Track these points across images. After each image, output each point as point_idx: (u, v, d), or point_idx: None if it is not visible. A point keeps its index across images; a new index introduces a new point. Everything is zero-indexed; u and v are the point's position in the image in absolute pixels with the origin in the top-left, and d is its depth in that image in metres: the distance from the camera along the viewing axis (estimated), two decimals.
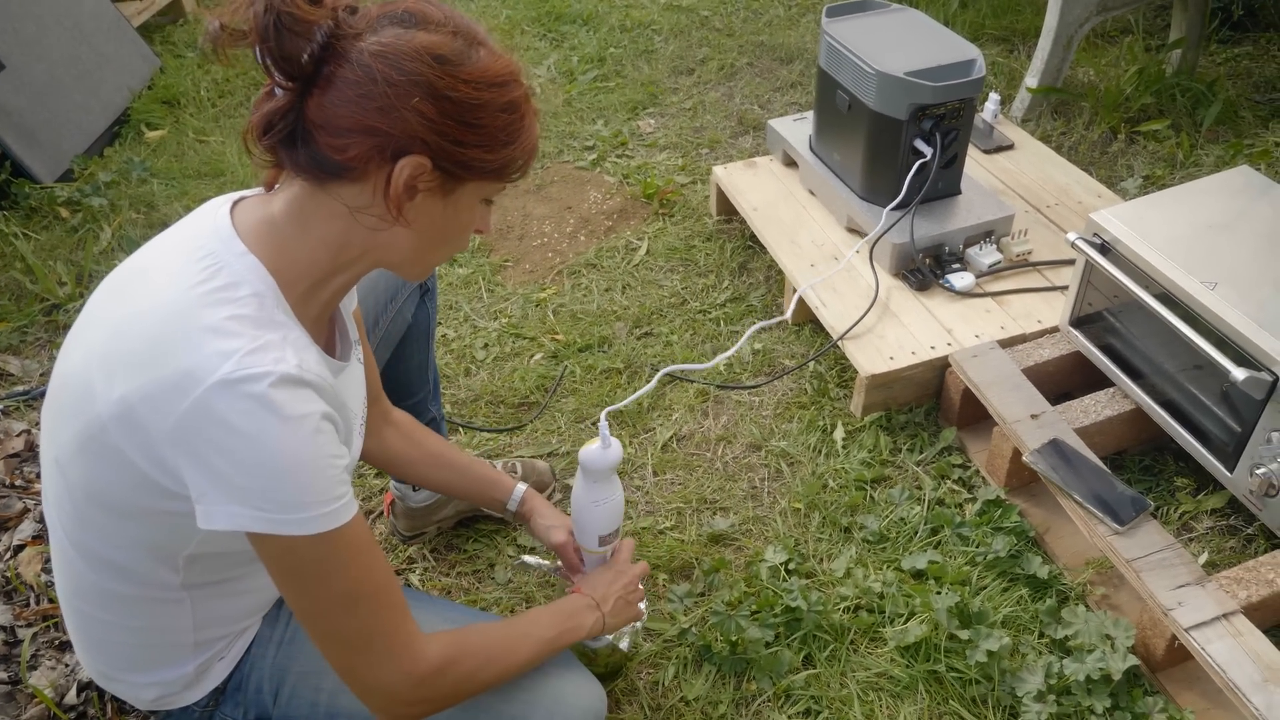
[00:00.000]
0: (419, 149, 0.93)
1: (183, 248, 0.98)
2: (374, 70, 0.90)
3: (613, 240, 2.58)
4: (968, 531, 1.71)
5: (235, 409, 0.87)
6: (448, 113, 0.92)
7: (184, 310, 0.92)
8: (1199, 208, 1.73)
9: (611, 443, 1.29)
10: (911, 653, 1.55)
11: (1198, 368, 1.58)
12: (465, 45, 0.94)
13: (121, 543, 1.01)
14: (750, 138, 3.02)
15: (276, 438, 0.89)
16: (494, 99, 0.95)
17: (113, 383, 0.92)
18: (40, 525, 1.85)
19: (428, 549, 1.79)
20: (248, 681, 1.15)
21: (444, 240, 1.04)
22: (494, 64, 0.95)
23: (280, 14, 0.87)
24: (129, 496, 0.95)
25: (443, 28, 0.94)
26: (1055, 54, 2.85)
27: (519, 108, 0.98)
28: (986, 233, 2.13)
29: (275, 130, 0.93)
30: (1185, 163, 2.67)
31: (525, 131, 1.00)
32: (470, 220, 1.04)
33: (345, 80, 0.90)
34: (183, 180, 2.93)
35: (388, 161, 0.93)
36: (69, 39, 3.14)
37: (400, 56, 0.90)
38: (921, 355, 1.92)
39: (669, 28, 3.68)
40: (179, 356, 0.89)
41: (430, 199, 0.97)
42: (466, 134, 0.94)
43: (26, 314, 2.42)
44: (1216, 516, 1.73)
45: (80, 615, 1.10)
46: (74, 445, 0.96)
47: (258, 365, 0.89)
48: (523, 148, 1.01)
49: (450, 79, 0.92)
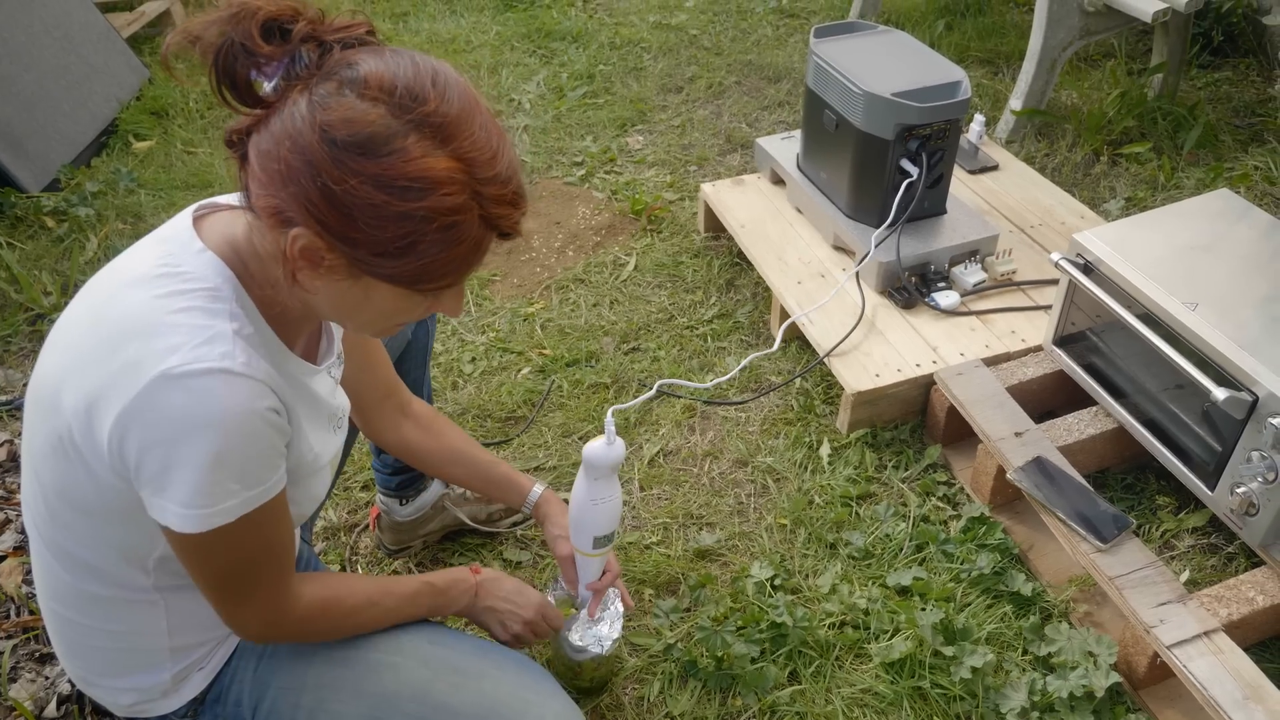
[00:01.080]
0: (309, 228, 0.85)
1: (148, 249, 0.98)
2: (283, 133, 0.83)
3: (601, 256, 2.59)
4: (952, 548, 1.72)
5: (176, 401, 0.87)
6: (332, 203, 0.83)
7: (136, 307, 0.92)
8: (1180, 229, 1.75)
9: (616, 441, 1.29)
10: (896, 669, 1.55)
11: (1179, 387, 1.60)
12: (393, 130, 0.82)
13: (93, 543, 1.01)
14: (738, 155, 3.04)
15: (215, 431, 0.88)
16: (393, 205, 0.83)
17: (77, 383, 0.92)
18: (22, 536, 1.84)
19: (413, 563, 1.78)
20: (227, 694, 1.15)
21: (372, 317, 0.96)
22: (411, 166, 0.82)
23: (234, 42, 0.84)
24: (96, 497, 0.96)
25: (379, 100, 0.83)
26: (1039, 77, 2.88)
27: (433, 219, 0.84)
28: (971, 252, 2.15)
29: (235, 148, 0.90)
30: (1166, 185, 2.71)
31: (439, 246, 0.86)
32: (399, 307, 0.94)
33: (270, 131, 0.84)
34: (170, 191, 2.93)
35: (284, 226, 0.86)
36: (58, 49, 3.13)
37: (304, 128, 0.82)
38: (907, 373, 1.94)
39: (658, 46, 3.71)
40: (126, 351, 0.89)
41: (336, 276, 0.89)
42: (353, 233, 0.84)
43: (10, 323, 2.40)
44: (1197, 535, 1.75)
45: (58, 619, 1.10)
46: (46, 447, 0.97)
47: (203, 360, 0.88)
48: (429, 265, 0.87)
49: (339, 170, 0.82)
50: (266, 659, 1.15)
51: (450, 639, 1.20)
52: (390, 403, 1.40)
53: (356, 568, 1.78)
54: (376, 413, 1.40)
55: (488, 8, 4.09)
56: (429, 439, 1.43)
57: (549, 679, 1.20)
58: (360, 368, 1.32)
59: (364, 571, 1.77)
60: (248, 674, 1.15)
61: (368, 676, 1.13)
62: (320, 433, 1.10)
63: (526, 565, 1.77)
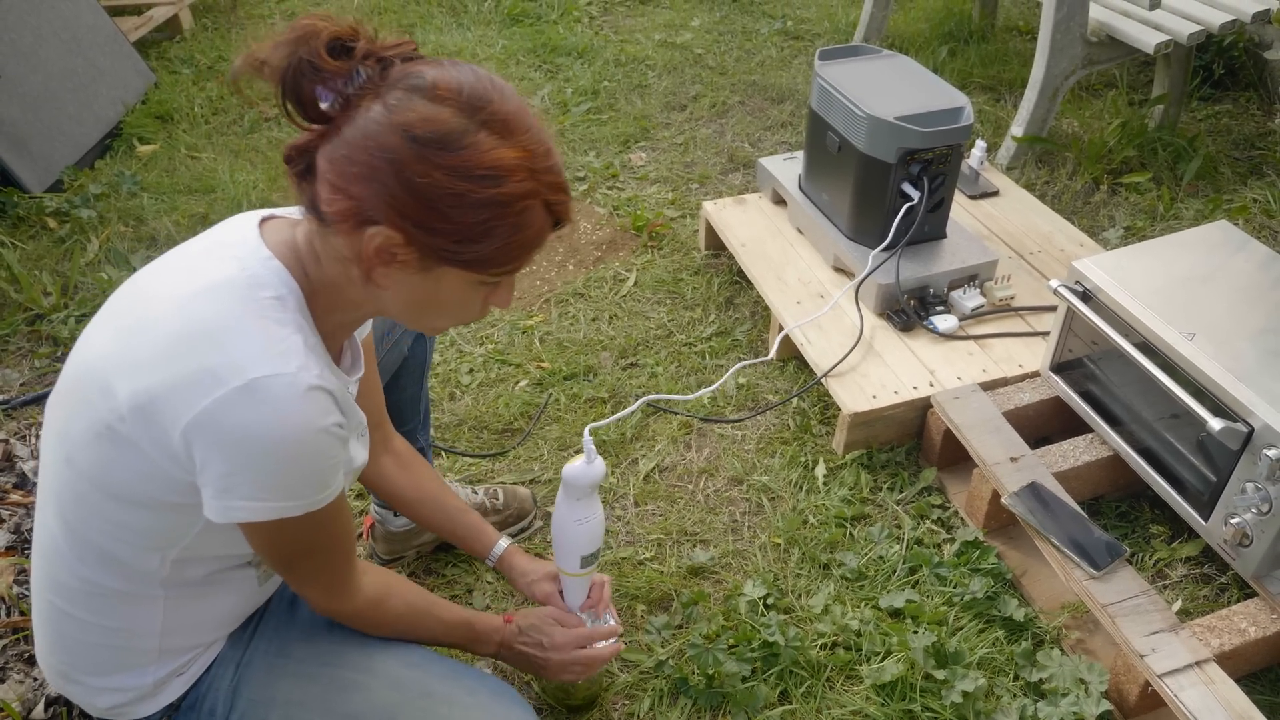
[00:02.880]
0: (389, 223, 0.91)
1: (210, 251, 1.02)
2: (361, 137, 0.89)
3: (601, 270, 2.60)
4: (945, 572, 1.72)
5: (258, 412, 0.91)
6: (416, 196, 0.89)
7: (208, 308, 0.95)
8: (1179, 260, 1.76)
9: (595, 459, 1.29)
10: (887, 691, 1.55)
11: (1175, 416, 1.61)
12: (465, 127, 0.89)
13: (118, 531, 1.02)
14: (740, 174, 3.05)
15: (290, 442, 0.93)
16: (471, 191, 0.90)
17: (133, 376, 0.94)
18: (14, 536, 1.83)
19: (406, 572, 1.78)
20: (202, 702, 1.15)
21: (436, 310, 1.02)
22: (485, 155, 0.90)
23: (302, 60, 0.89)
24: (139, 486, 0.98)
25: (449, 102, 0.90)
26: (1041, 105, 2.91)
27: (506, 205, 0.92)
28: (970, 277, 2.16)
29: (294, 163, 0.95)
30: (1165, 215, 2.72)
31: (508, 231, 0.93)
32: (464, 299, 1.01)
33: (343, 139, 0.90)
34: (173, 195, 2.93)
35: (361, 226, 0.92)
36: (65, 51, 3.15)
37: (383, 130, 0.88)
38: (904, 395, 1.94)
39: (663, 64, 3.74)
40: (203, 354, 0.92)
41: (406, 271, 0.95)
42: (435, 221, 0.91)
43: (9, 323, 2.40)
44: (1190, 564, 1.75)
45: (53, 610, 1.10)
46: (88, 434, 0.98)
47: (282, 373, 0.92)
48: (505, 248, 0.95)
49: (423, 164, 0.88)
50: (242, 669, 1.15)
51: (426, 661, 1.20)
52: (376, 434, 1.40)
53: None
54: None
55: (494, 22, 4.12)
56: (404, 476, 1.45)
57: (521, 706, 1.19)
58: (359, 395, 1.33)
59: None
60: (224, 683, 1.15)
61: (337, 695, 1.13)
62: (357, 442, 1.12)
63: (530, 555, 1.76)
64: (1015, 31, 3.96)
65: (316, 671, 1.14)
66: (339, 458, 1.00)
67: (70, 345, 2.34)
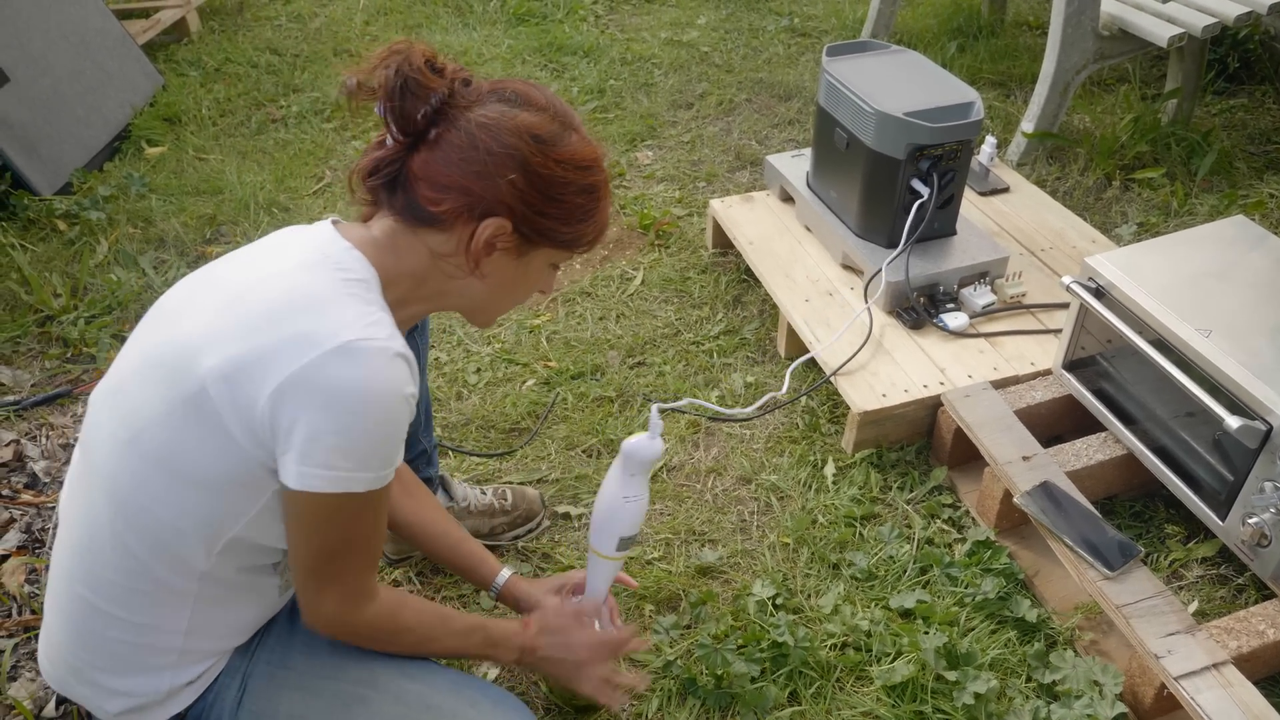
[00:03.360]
0: (503, 212, 1.05)
1: (288, 242, 1.09)
2: (478, 138, 1.02)
3: (608, 269, 2.59)
4: (957, 572, 1.71)
5: (354, 372, 0.96)
6: (535, 185, 1.05)
7: (303, 282, 1.01)
8: (1194, 255, 1.74)
9: (658, 438, 1.27)
10: (898, 692, 1.53)
11: (1191, 415, 1.58)
12: (560, 129, 1.07)
13: (178, 518, 1.03)
14: (748, 172, 3.04)
15: (381, 404, 0.98)
16: (577, 179, 1.07)
17: (222, 347, 0.98)
18: (25, 535, 1.83)
19: (414, 572, 1.77)
20: (209, 712, 1.15)
21: (510, 294, 1.17)
22: (583, 149, 1.08)
23: (407, 78, 1.00)
24: (208, 465, 1.01)
25: (544, 111, 1.07)
26: (1052, 100, 2.88)
27: (597, 190, 1.10)
28: (981, 274, 2.14)
29: (380, 174, 1.06)
30: (1179, 211, 2.69)
31: (599, 212, 1.13)
32: (537, 281, 1.17)
33: (450, 143, 1.03)
34: (180, 197, 2.94)
35: (474, 220, 1.05)
36: (74, 54, 3.15)
37: (503, 131, 1.03)
38: (914, 394, 1.92)
39: (669, 62, 3.72)
40: (299, 320, 0.98)
41: (505, 257, 1.10)
42: (548, 206, 1.07)
43: (20, 325, 2.40)
44: (1207, 565, 1.73)
45: (81, 603, 1.10)
46: (162, 412, 1.01)
47: (376, 338, 0.99)
48: (594, 226, 1.13)
49: (543, 157, 1.04)
50: (247, 679, 1.15)
51: (427, 673, 1.19)
52: None
53: None
54: None
55: (500, 21, 4.11)
56: (408, 503, 1.45)
57: (524, 716, 1.19)
58: None
59: None
60: (229, 695, 1.14)
61: (340, 710, 1.13)
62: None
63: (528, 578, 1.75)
64: (1025, 26, 3.93)
65: (318, 685, 1.14)
66: (405, 430, 1.04)
67: (80, 346, 2.34)
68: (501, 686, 1.47)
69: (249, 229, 2.79)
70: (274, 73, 3.72)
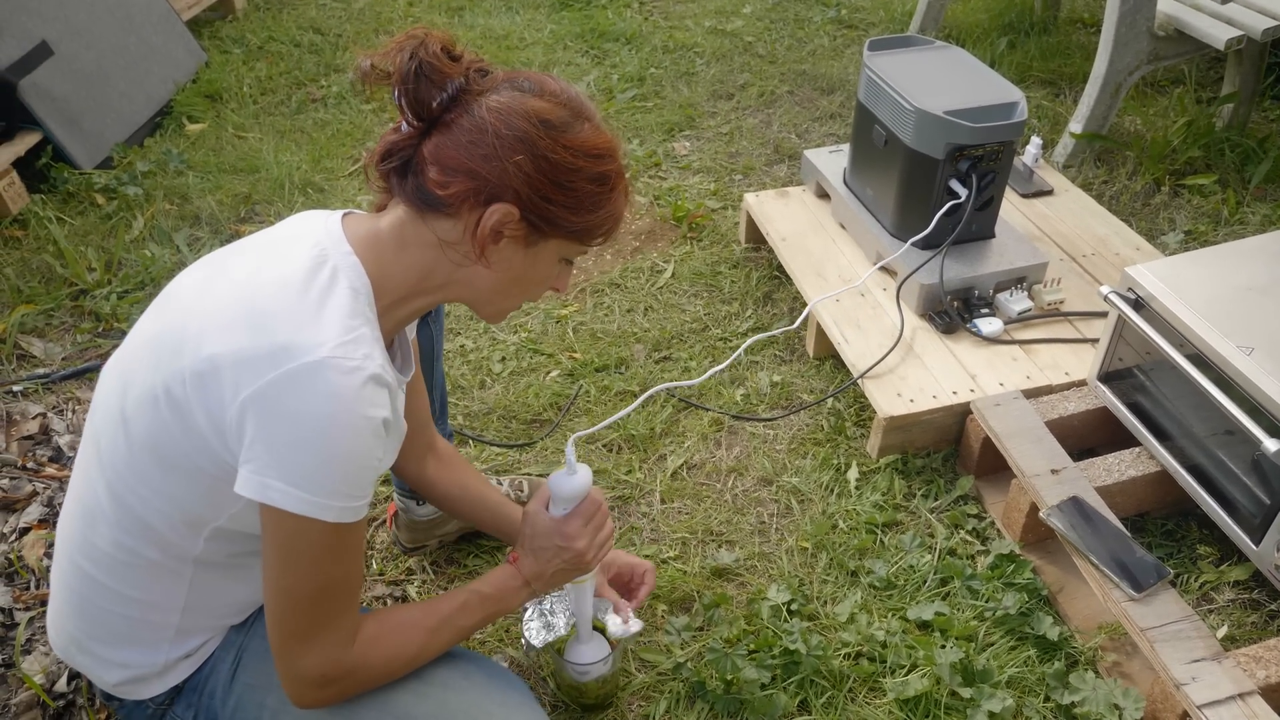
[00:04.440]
0: (511, 198, 1.02)
1: (293, 239, 1.07)
2: (487, 122, 1.00)
3: (639, 261, 2.57)
4: (978, 585, 1.67)
5: (319, 390, 0.94)
6: (543, 171, 1.02)
7: (288, 289, 0.99)
8: (1240, 268, 1.67)
9: (577, 469, 1.24)
10: (911, 707, 1.50)
11: (1228, 434, 1.53)
12: (572, 117, 1.04)
13: (162, 500, 1.04)
14: (785, 166, 2.99)
15: (344, 427, 0.95)
16: (587, 168, 1.04)
17: (204, 342, 0.98)
18: (47, 509, 1.86)
19: (428, 561, 1.77)
20: (205, 683, 1.16)
21: (519, 287, 1.13)
22: (594, 138, 1.05)
23: (423, 63, 0.99)
24: (186, 453, 1.00)
25: (556, 98, 1.04)
26: (1102, 101, 2.80)
27: (609, 181, 1.07)
28: (1018, 279, 2.08)
29: (392, 159, 1.04)
30: (1230, 220, 2.61)
31: (611, 203, 1.08)
32: (547, 275, 1.13)
33: (462, 127, 1.01)
34: (218, 174, 2.96)
35: (481, 205, 1.02)
36: (118, 29, 3.18)
37: (512, 114, 1.01)
38: (943, 400, 1.88)
39: (712, 51, 3.67)
40: (277, 330, 0.96)
41: (513, 246, 1.06)
42: (556, 194, 1.03)
43: (54, 297, 2.44)
44: (1239, 589, 1.67)
45: (79, 573, 1.12)
46: (147, 396, 1.01)
47: (350, 357, 0.96)
48: (606, 217, 1.09)
49: (552, 142, 1.01)
50: (243, 653, 1.16)
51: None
52: (421, 438, 1.44)
53: (372, 563, 1.77)
54: (410, 445, 1.40)
55: (543, 5, 4.08)
56: (448, 474, 1.47)
57: (519, 690, 1.19)
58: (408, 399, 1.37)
59: (378, 567, 1.76)
60: (225, 666, 1.16)
61: None
62: (394, 445, 1.12)
63: None
64: (1079, 24, 3.83)
65: None
66: (377, 461, 1.01)
67: (112, 321, 2.37)
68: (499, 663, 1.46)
69: (282, 209, 2.81)
70: (316, 52, 3.73)
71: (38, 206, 2.74)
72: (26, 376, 2.20)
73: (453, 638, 1.18)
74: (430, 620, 1.15)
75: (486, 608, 1.21)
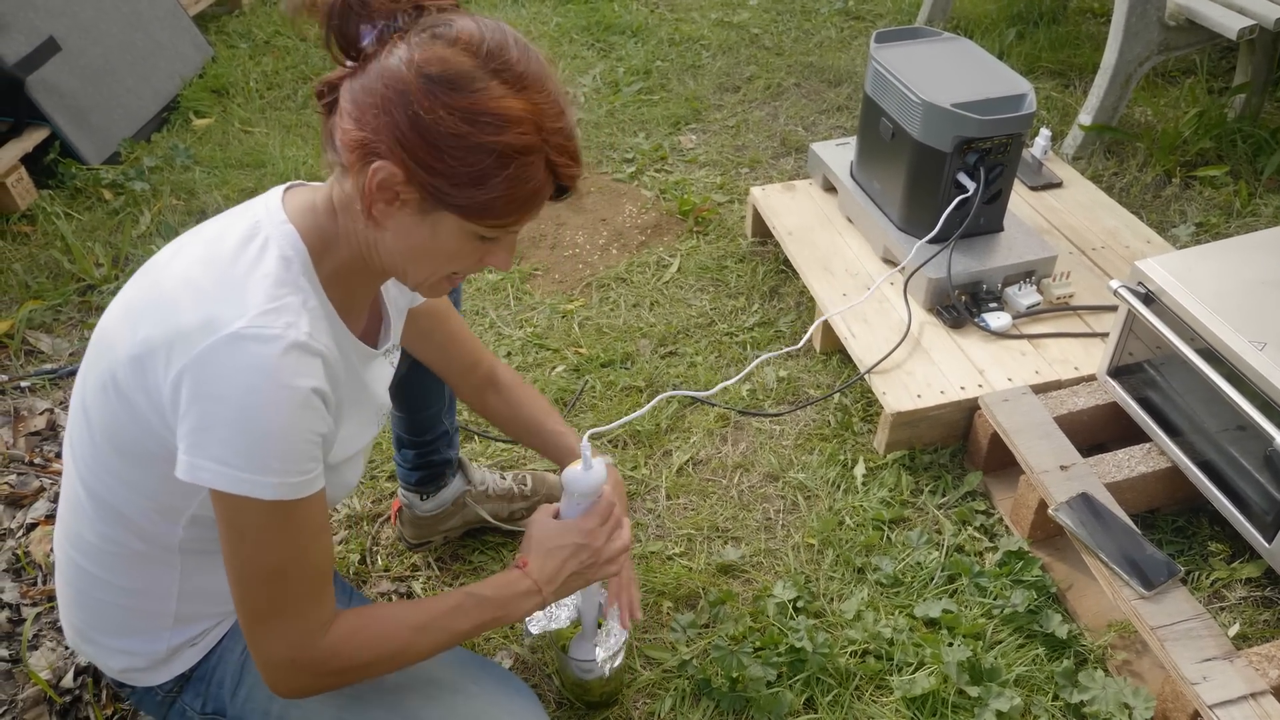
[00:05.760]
0: (394, 158, 0.92)
1: (237, 216, 1.03)
2: (381, 72, 0.91)
3: (645, 255, 2.55)
4: (986, 582, 1.65)
5: (237, 363, 0.91)
6: (420, 132, 0.90)
7: (215, 265, 0.97)
8: (1252, 262, 1.65)
9: (594, 464, 1.23)
10: (918, 705, 1.49)
11: (1240, 430, 1.51)
12: (477, 72, 0.90)
13: (130, 488, 1.03)
14: (792, 159, 2.97)
15: (265, 399, 0.91)
16: (473, 135, 0.90)
17: (138, 327, 0.96)
18: (54, 505, 1.86)
19: (432, 557, 1.76)
20: (213, 673, 1.15)
21: (429, 259, 1.01)
22: (495, 103, 0.90)
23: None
24: (136, 439, 0.99)
25: (469, 48, 0.91)
26: (1112, 92, 2.77)
27: (502, 153, 0.92)
28: (1027, 273, 2.07)
29: (324, 98, 0.97)
30: (1242, 212, 2.58)
31: (508, 183, 0.93)
32: (459, 250, 1.00)
33: (370, 73, 0.92)
34: (224, 169, 2.95)
35: (368, 159, 0.92)
36: (125, 24, 3.18)
37: (401, 65, 0.90)
38: (950, 395, 1.86)
39: (718, 44, 3.65)
40: (200, 306, 0.93)
41: (408, 213, 0.96)
42: (434, 161, 0.91)
43: (61, 293, 2.44)
44: (1251, 587, 1.65)
45: (74, 567, 1.12)
46: (97, 387, 1.00)
47: (270, 326, 0.92)
48: (502, 199, 0.94)
49: (431, 101, 0.89)
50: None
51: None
52: (475, 375, 1.42)
53: (376, 558, 1.77)
54: (462, 385, 1.44)
55: None
56: (509, 409, 1.44)
57: (528, 699, 1.18)
58: (442, 345, 1.38)
59: (383, 563, 1.76)
60: (234, 656, 1.15)
61: None
62: (360, 422, 1.11)
63: None
64: (1089, 14, 3.79)
65: None
66: (313, 434, 0.95)
67: None
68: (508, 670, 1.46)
69: None
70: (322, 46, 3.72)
71: (45, 202, 2.74)
72: (34, 372, 2.20)
73: (444, 640, 1.09)
74: (417, 618, 1.08)
75: (485, 611, 1.11)
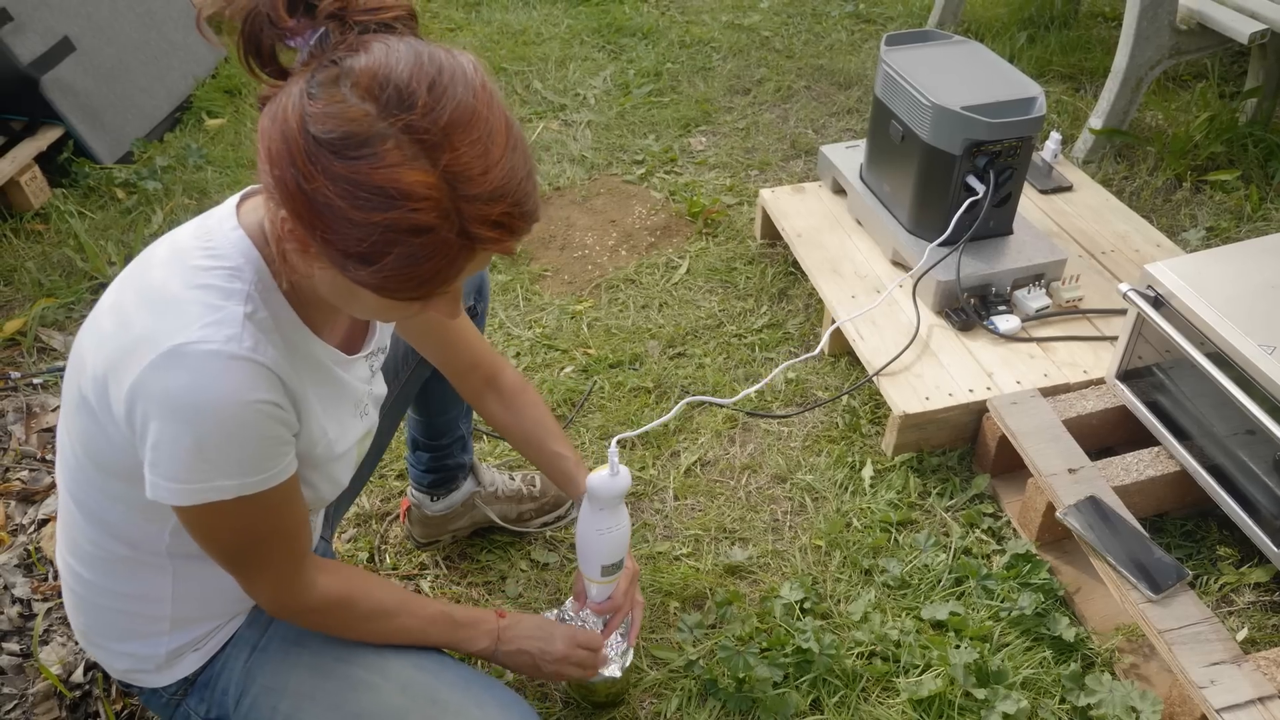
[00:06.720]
0: (290, 216, 0.83)
1: (192, 226, 0.99)
2: (276, 115, 0.81)
3: (654, 257, 2.56)
4: (993, 584, 1.65)
5: (179, 379, 0.88)
6: (306, 197, 0.80)
7: (159, 281, 0.93)
8: (1263, 266, 1.65)
9: (620, 470, 1.25)
10: (924, 707, 1.49)
11: (1249, 434, 1.51)
12: (374, 132, 0.78)
13: (112, 500, 1.03)
14: (802, 162, 2.98)
15: (210, 413, 0.88)
16: (352, 212, 0.79)
17: (102, 343, 0.94)
18: None
19: (440, 556, 1.77)
20: (217, 680, 1.15)
21: (359, 309, 0.94)
22: (383, 174, 0.78)
23: (260, 11, 0.82)
24: (113, 457, 0.97)
25: (369, 97, 0.78)
26: (1123, 95, 2.77)
27: (401, 232, 0.80)
28: (1036, 276, 2.07)
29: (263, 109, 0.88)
30: (1253, 216, 2.57)
31: (399, 260, 0.81)
32: (385, 310, 0.92)
33: (269, 109, 0.83)
34: (236, 169, 2.97)
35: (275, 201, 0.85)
36: (139, 25, 3.20)
37: (292, 114, 0.79)
38: (959, 398, 1.86)
39: (728, 46, 3.66)
40: (144, 323, 0.90)
41: (321, 264, 0.87)
42: (322, 231, 0.81)
43: (74, 291, 2.46)
44: (1260, 591, 1.65)
45: (72, 573, 1.13)
46: (74, 402, 0.99)
47: (208, 341, 0.88)
48: (393, 278, 0.83)
49: (311, 167, 0.79)
50: (258, 653, 1.15)
51: (438, 666, 1.17)
52: (475, 376, 1.41)
53: (385, 556, 1.78)
54: (461, 385, 1.42)
55: (560, 0, 4.08)
56: (507, 416, 1.43)
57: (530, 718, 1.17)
58: (440, 343, 1.36)
59: (391, 561, 1.77)
60: (238, 664, 1.15)
61: (347, 693, 1.12)
62: (340, 420, 1.09)
63: (554, 567, 1.74)
64: (1100, 18, 3.78)
65: (330, 666, 1.13)
66: (276, 437, 0.95)
67: None
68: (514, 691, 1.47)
69: None
70: None
71: (59, 201, 2.76)
72: (47, 369, 2.22)
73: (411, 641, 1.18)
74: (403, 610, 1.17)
75: (450, 633, 1.22)
